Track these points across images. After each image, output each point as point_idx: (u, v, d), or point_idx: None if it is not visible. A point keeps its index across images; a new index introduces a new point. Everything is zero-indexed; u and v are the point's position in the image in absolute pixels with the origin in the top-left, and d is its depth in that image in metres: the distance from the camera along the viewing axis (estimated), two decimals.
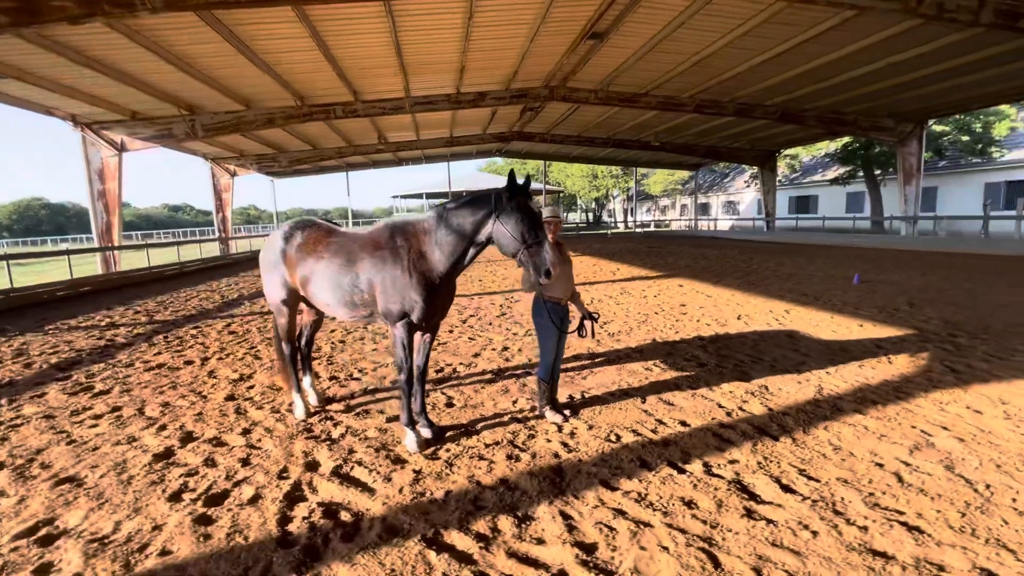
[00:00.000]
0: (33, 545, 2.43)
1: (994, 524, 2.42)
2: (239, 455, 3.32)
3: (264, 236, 29.13)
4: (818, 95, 16.23)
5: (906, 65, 13.07)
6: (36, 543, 2.44)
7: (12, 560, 2.33)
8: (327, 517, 2.61)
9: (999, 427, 3.47)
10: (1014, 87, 14.93)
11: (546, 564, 2.23)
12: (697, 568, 2.17)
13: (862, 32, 11.05)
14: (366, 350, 5.93)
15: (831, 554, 2.24)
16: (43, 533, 2.53)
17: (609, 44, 11.98)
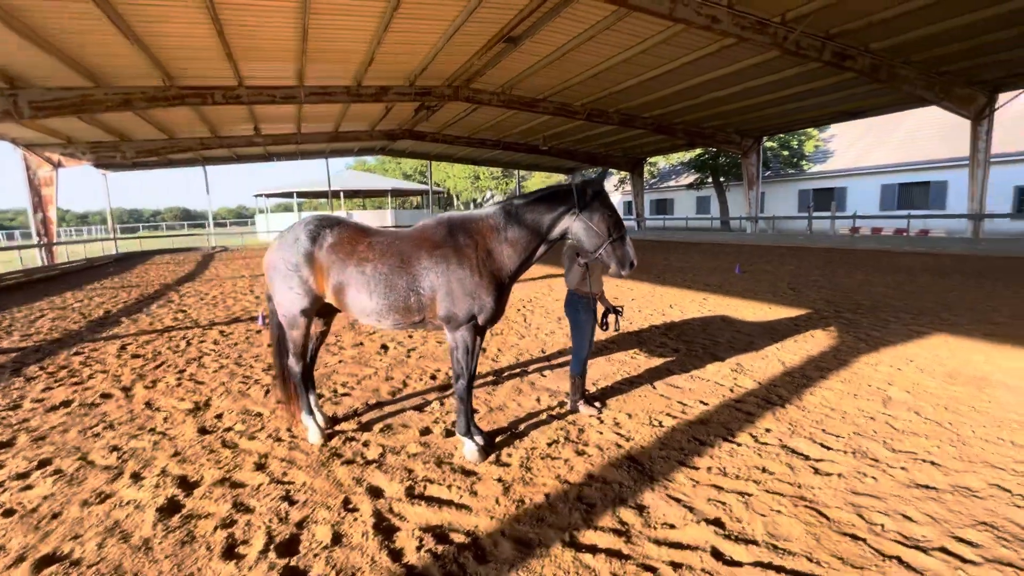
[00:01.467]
0: None
1: (977, 451, 3.11)
2: (274, 493, 2.81)
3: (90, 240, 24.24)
4: (687, 111, 18.53)
5: (756, 90, 15.59)
6: None
7: None
8: (441, 542, 2.37)
9: (923, 379, 4.40)
10: (828, 113, 18.71)
11: (694, 544, 2.31)
12: (815, 522, 2.44)
13: (733, 59, 12.92)
14: (331, 363, 5.35)
15: (898, 492, 2.68)
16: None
17: (520, 49, 12.29)
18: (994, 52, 12.13)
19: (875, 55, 12.03)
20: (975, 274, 10.37)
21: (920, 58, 12.51)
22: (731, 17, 9.65)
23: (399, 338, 6.36)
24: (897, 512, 2.51)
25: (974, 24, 10.49)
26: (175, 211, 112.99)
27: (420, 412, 3.98)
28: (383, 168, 62.94)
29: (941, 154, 23.48)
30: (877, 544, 2.27)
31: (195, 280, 13.39)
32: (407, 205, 58.36)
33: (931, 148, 24.49)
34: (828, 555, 2.21)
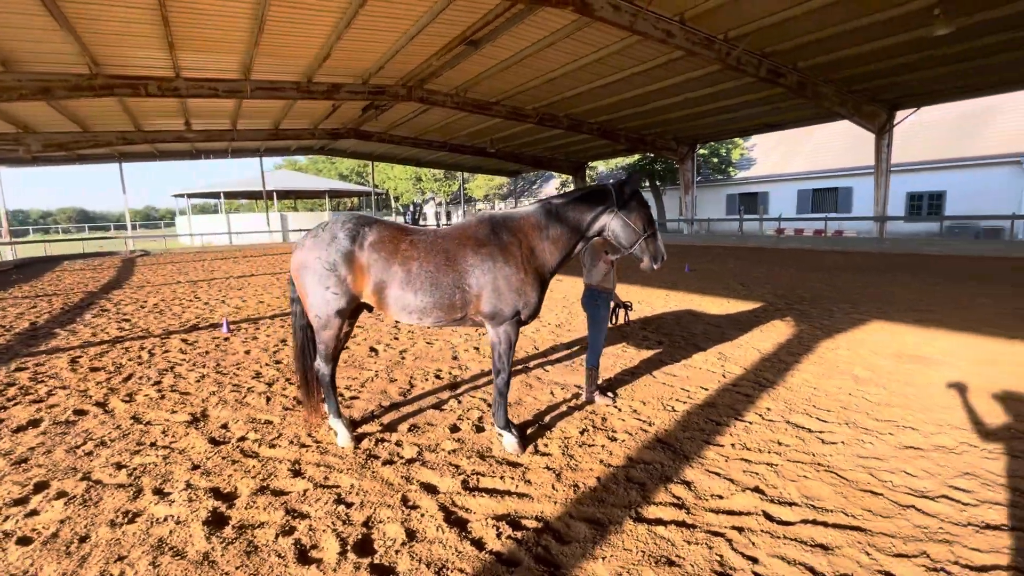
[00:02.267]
0: None
1: (941, 416, 3.63)
2: (324, 497, 2.75)
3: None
4: (632, 117, 19.46)
5: (696, 100, 16.70)
6: None
7: None
8: (517, 529, 2.45)
9: (877, 360, 5.02)
10: (756, 123, 20.39)
11: (746, 510, 2.55)
12: (837, 483, 2.77)
13: (678, 72, 13.78)
14: None
15: (894, 454, 3.09)
16: None
17: (479, 52, 12.40)
18: (895, 75, 13.84)
19: (802, 73, 13.34)
20: (886, 269, 11.77)
21: (837, 77, 14.02)
22: (683, 32, 10.34)
23: (385, 340, 6.26)
24: (899, 470, 2.91)
25: (881, 50, 11.93)
26: (70, 212, 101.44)
27: (439, 411, 3.99)
28: (315, 168, 60.37)
29: (847, 163, 26.28)
30: (893, 497, 2.63)
31: (124, 287, 12.23)
32: (342, 207, 56.39)
33: (838, 158, 27.34)
34: (859, 509, 2.53)
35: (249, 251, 25.16)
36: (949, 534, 2.32)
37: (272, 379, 4.82)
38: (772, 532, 2.37)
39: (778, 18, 10.30)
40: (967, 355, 5.04)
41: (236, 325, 7.33)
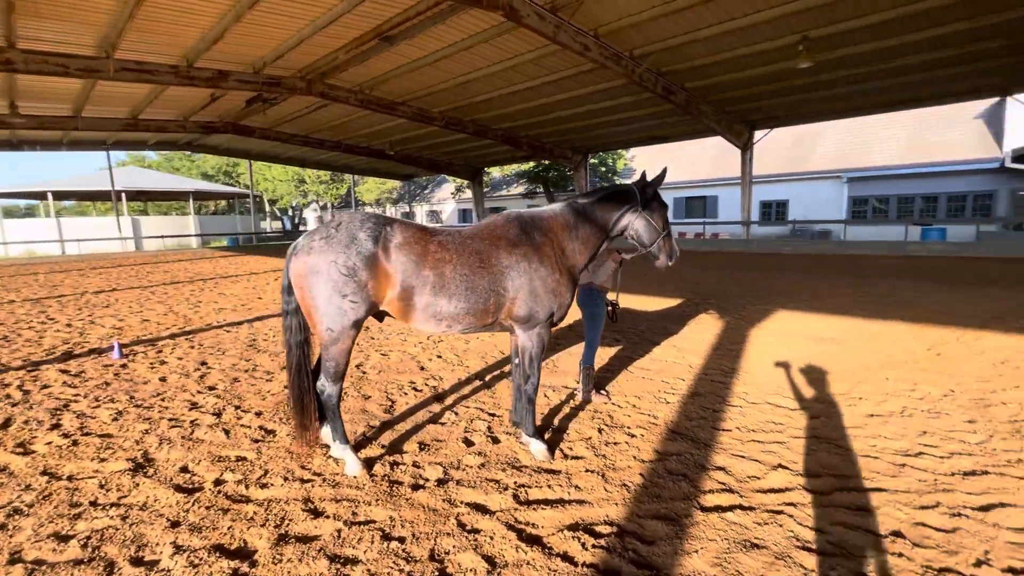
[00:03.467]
0: None
1: (877, 387, 4.28)
2: (367, 536, 2.39)
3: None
4: (535, 125, 20.09)
5: (596, 112, 17.78)
6: None
7: None
8: (596, 536, 2.36)
9: (799, 343, 5.76)
10: (644, 136, 22.32)
11: (784, 487, 2.75)
12: (841, 452, 3.12)
13: (584, 83, 14.55)
14: (275, 389, 4.54)
15: (864, 421, 3.56)
16: None
17: (392, 49, 11.88)
18: (757, 100, 16.12)
19: (689, 93, 14.92)
20: (760, 268, 13.64)
21: (715, 99, 15.93)
22: (597, 47, 10.95)
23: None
24: (876, 435, 3.36)
25: (750, 78, 13.81)
26: None
27: (440, 425, 3.72)
28: (171, 166, 52.99)
29: (713, 175, 29.97)
30: (888, 459, 3.03)
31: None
32: (204, 210, 50.33)
33: (706, 170, 31.07)
34: (869, 472, 2.88)
35: (95, 261, 21.25)
36: (946, 484, 2.74)
37: (217, 408, 4.09)
38: (818, 503, 2.59)
39: (675, 42, 11.40)
40: (855, 334, 6.02)
41: (128, 349, 6.12)
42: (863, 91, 15.06)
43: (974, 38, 11.04)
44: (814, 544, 2.26)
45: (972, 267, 12.30)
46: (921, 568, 2.10)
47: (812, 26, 10.53)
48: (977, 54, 11.99)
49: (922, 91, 15.07)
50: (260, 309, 8.68)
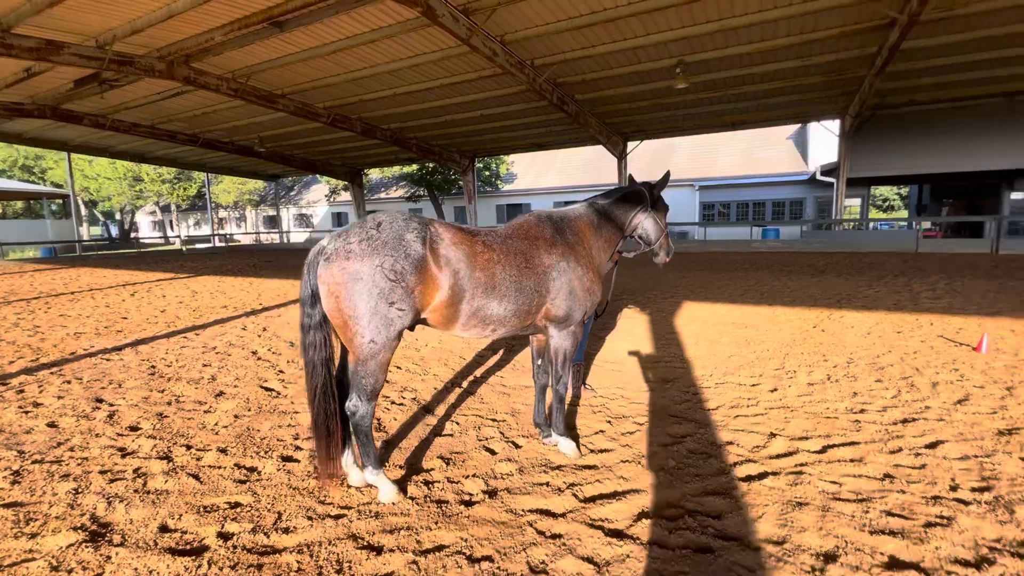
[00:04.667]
0: None
1: (799, 361, 5.08)
2: (449, 562, 2.20)
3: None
4: (426, 127, 19.77)
5: (490, 117, 18.11)
6: None
7: None
8: (671, 520, 2.47)
9: (722, 329, 6.58)
10: (531, 142, 23.26)
11: (790, 451, 3.15)
12: (812, 417, 3.66)
13: (482, 88, 14.73)
14: (237, 410, 3.88)
15: (809, 391, 4.22)
16: None
17: (281, 36, 10.78)
18: (633, 114, 17.89)
19: (578, 104, 15.98)
20: (646, 264, 15.14)
21: (599, 111, 17.28)
22: (504, 53, 11.19)
23: (265, 375, 5.02)
24: (824, 400, 4.01)
25: (628, 94, 15.30)
26: None
27: (448, 437, 3.53)
28: None
29: (587, 181, 32.37)
30: (848, 418, 3.64)
31: None
32: None
33: (580, 176, 33.44)
34: (840, 431, 3.42)
35: None
36: (895, 431, 3.39)
37: (161, 451, 3.37)
38: (823, 461, 3.02)
39: (573, 56, 12.16)
40: (757, 318, 7.08)
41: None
42: (716, 112, 17.60)
43: (801, 74, 13.61)
44: (841, 494, 2.65)
45: (804, 260, 15.10)
46: (921, 499, 2.58)
47: (688, 52, 12.04)
48: (799, 87, 14.80)
49: (759, 115, 18.11)
50: (135, 331, 7.26)
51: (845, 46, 11.61)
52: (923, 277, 10.70)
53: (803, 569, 2.10)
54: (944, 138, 18.76)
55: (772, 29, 10.79)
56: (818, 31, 10.84)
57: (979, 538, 2.26)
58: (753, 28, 10.72)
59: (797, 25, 10.63)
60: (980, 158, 18.70)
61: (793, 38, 11.17)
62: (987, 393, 4.04)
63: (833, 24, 10.52)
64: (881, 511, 2.48)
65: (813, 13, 10.01)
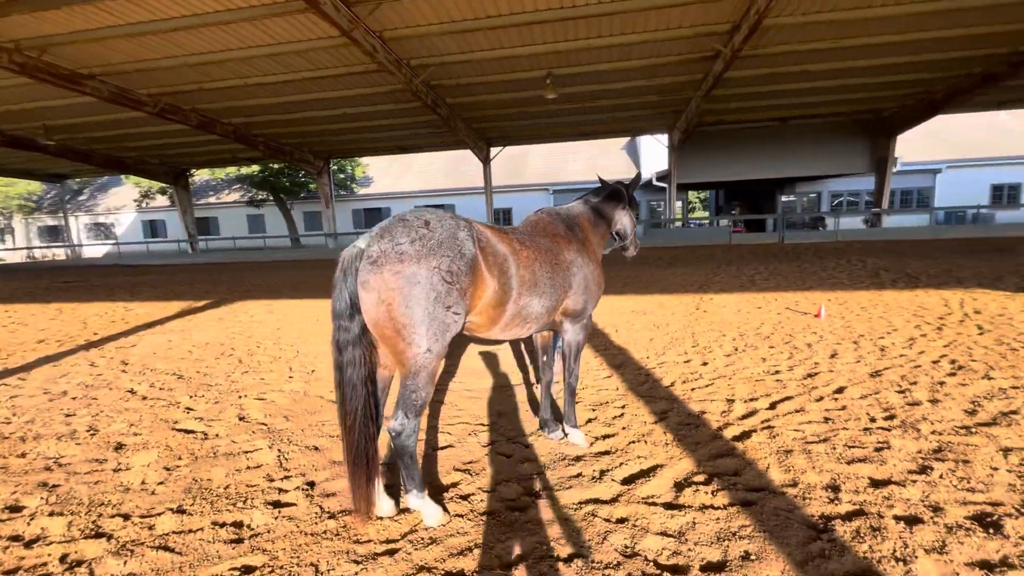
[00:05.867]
0: None
1: (713, 338, 5.92)
2: (542, 566, 2.15)
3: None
4: (276, 124, 17.84)
5: (352, 116, 17.10)
6: None
7: None
8: (700, 485, 2.74)
9: (629, 317, 7.30)
10: (392, 145, 22.52)
11: (750, 412, 3.70)
12: (769, 380, 4.33)
13: (350, 86, 13.86)
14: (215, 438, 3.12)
15: (749, 363, 4.97)
16: None
17: (95, 2, 8.77)
18: (500, 120, 18.59)
19: (450, 108, 16.01)
20: None
21: (468, 116, 17.55)
22: (384, 51, 10.72)
23: (201, 414, 4.15)
24: (744, 367, 4.76)
25: (488, 102, 15.87)
26: None
27: (448, 449, 3.35)
28: None
29: (450, 184, 32.53)
30: (768, 379, 4.38)
31: None
32: None
33: (442, 179, 33.45)
34: (770, 390, 4.13)
35: None
36: (810, 383, 4.20)
37: (86, 529, 2.58)
38: (778, 415, 3.61)
39: (451, 59, 12.20)
40: (649, 305, 8.04)
41: None
42: (573, 122, 19.24)
43: (645, 93, 15.65)
44: (807, 438, 3.22)
45: (653, 254, 17.37)
46: (860, 431, 3.27)
47: (556, 65, 12.97)
48: (643, 104, 16.99)
49: (608, 126, 20.28)
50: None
51: (681, 71, 13.72)
52: (746, 264, 13.18)
53: (824, 500, 2.53)
54: (739, 152, 23.26)
55: (628, 51, 12.24)
56: (662, 57, 12.63)
57: (911, 452, 2.98)
58: (613, 49, 12.03)
59: (647, 50, 12.23)
60: (762, 169, 23.63)
61: (643, 61, 12.82)
62: (845, 348, 5.23)
63: (674, 52, 12.36)
64: (842, 445, 3.10)
65: (659, 41, 11.63)
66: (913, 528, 2.27)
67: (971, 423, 3.33)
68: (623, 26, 10.79)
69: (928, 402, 3.72)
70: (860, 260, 12.95)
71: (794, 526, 2.35)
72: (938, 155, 26.66)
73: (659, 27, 10.83)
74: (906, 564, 2.05)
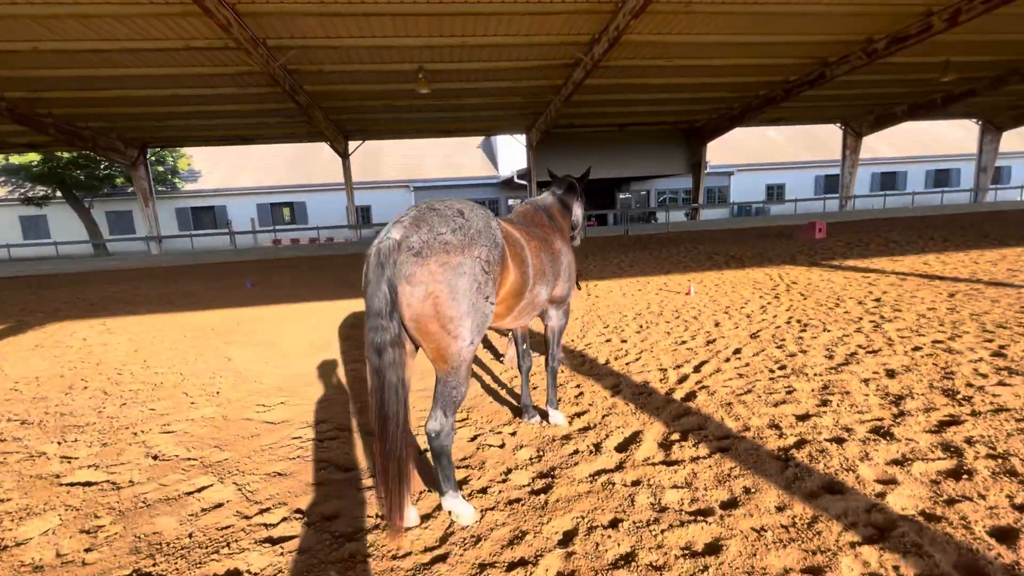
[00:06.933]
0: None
1: (634, 307, 6.56)
2: (592, 537, 2.27)
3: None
4: (73, 102, 14.38)
5: (181, 99, 14.60)
6: None
7: None
8: (686, 440, 3.13)
9: None
10: (235, 134, 19.76)
11: (684, 376, 4.27)
12: (674, 351, 4.96)
13: (183, 63, 11.82)
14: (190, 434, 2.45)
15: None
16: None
17: None
18: (360, 113, 17.64)
19: (310, 96, 14.68)
20: None
21: (327, 106, 16.29)
22: (239, 26, 9.41)
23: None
24: (658, 340, 5.44)
25: (358, 92, 15.10)
26: None
27: None
28: None
29: (298, 180, 29.73)
30: (684, 348, 5.08)
31: None
32: None
33: (287, 175, 30.38)
34: (693, 359, 4.81)
35: None
36: (715, 349, 4.98)
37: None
38: (705, 376, 4.24)
39: (316, 43, 11.24)
40: None
41: None
42: (438, 119, 19.17)
43: (508, 94, 16.32)
44: (736, 391, 3.87)
45: None
46: (768, 382, 4.04)
47: (429, 60, 12.81)
48: (505, 104, 17.69)
49: (471, 124, 20.64)
50: None
51: (545, 76, 14.64)
52: (607, 253, 14.72)
53: (775, 437, 3.10)
54: (586, 153, 25.61)
55: (499, 52, 12.66)
56: (529, 61, 13.34)
57: (809, 391, 3.78)
58: (485, 49, 12.33)
59: (516, 53, 12.80)
60: (605, 169, 26.44)
61: (512, 63, 13.38)
62: (721, 318, 6.28)
63: (540, 57, 13.15)
64: (764, 393, 3.79)
65: (528, 46, 12.28)
66: (843, 446, 2.93)
67: (833, 364, 4.34)
68: (497, 27, 11.14)
69: (800, 352, 4.72)
70: (693, 247, 15.41)
71: (767, 460, 2.84)
72: (732, 160, 32.81)
73: (530, 32, 11.44)
74: (853, 472, 2.66)
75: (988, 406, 3.32)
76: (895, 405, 3.45)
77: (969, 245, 12.04)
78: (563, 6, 10.23)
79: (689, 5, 10.51)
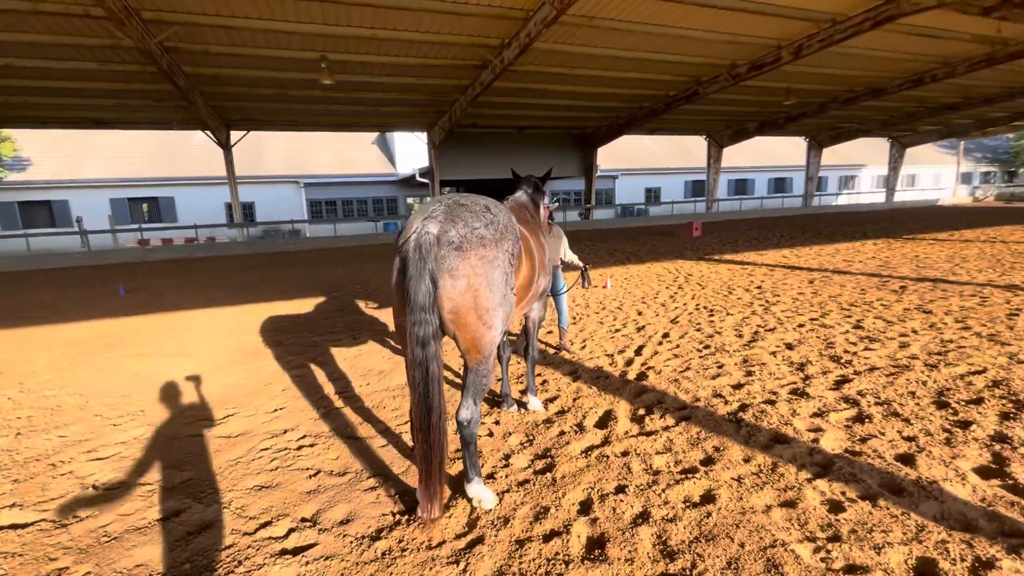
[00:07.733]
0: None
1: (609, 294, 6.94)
2: (611, 508, 2.53)
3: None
4: None
5: (14, 71, 12.14)
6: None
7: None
8: (663, 412, 3.53)
9: None
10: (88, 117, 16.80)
11: (632, 359, 4.73)
12: (625, 339, 5.42)
13: (26, 28, 9.84)
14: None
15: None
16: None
17: None
18: (246, 101, 16.11)
19: (190, 79, 13.05)
20: (314, 262, 14.54)
21: (208, 91, 14.62)
22: None
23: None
24: (598, 329, 5.90)
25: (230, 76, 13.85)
26: None
27: None
28: None
29: (161, 172, 26.07)
30: (620, 334, 5.59)
31: None
32: None
33: (147, 166, 26.48)
34: (631, 344, 5.31)
35: None
36: (648, 333, 5.55)
37: None
38: (648, 357, 4.74)
39: (205, 21, 10.09)
40: None
41: None
42: (334, 111, 18.19)
43: (413, 91, 16.05)
44: (679, 368, 4.41)
45: None
46: (700, 359, 4.65)
47: (333, 50, 12.15)
48: (408, 101, 17.38)
49: (370, 120, 19.89)
50: None
51: (452, 75, 14.66)
52: None
53: (722, 404, 3.64)
54: (486, 153, 26.06)
55: (407, 48, 12.42)
56: (437, 59, 13.28)
57: (734, 365, 4.44)
58: (394, 43, 12.03)
59: (424, 50, 12.67)
60: (505, 169, 27.12)
61: (419, 60, 13.21)
62: (642, 307, 6.96)
63: (450, 56, 13.15)
64: (701, 369, 4.38)
65: (439, 44, 12.25)
66: (775, 406, 3.54)
67: (745, 342, 5.11)
68: (407, 22, 10.95)
69: (716, 334, 5.47)
70: (592, 244, 16.56)
71: (723, 423, 3.34)
72: (617, 165, 35.57)
73: (442, 30, 11.41)
74: (790, 425, 3.25)
75: (864, 366, 4.22)
76: (800, 371, 4.21)
77: (810, 241, 14.58)
78: (477, 8, 10.39)
79: (592, 20, 11.31)
